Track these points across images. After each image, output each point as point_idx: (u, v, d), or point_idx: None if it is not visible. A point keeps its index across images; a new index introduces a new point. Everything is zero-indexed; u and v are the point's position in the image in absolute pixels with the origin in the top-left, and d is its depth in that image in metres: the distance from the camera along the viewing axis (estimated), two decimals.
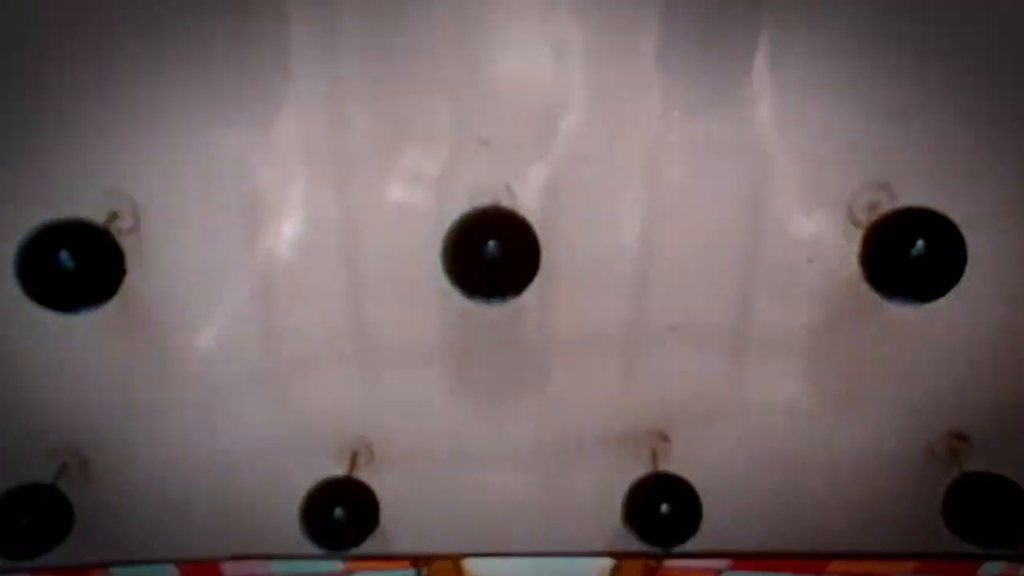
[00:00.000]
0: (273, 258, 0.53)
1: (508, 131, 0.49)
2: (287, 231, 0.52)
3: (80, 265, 0.42)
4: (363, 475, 0.58)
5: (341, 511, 0.51)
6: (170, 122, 0.49)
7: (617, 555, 0.64)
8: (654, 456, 0.55)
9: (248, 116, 0.49)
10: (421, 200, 0.50)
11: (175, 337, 0.56)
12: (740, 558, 0.64)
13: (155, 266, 0.52)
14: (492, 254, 0.41)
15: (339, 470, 0.57)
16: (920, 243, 0.41)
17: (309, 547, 0.63)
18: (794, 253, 0.51)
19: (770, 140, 0.48)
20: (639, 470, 0.56)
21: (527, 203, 0.49)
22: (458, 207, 0.45)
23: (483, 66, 0.47)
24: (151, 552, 0.65)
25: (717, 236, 0.51)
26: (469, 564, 0.67)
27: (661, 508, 0.51)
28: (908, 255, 0.41)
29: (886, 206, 0.46)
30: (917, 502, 0.58)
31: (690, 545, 0.59)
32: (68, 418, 0.60)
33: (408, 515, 0.62)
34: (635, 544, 0.60)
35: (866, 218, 0.47)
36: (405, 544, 0.64)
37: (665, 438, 0.56)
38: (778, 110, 0.48)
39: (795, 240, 0.51)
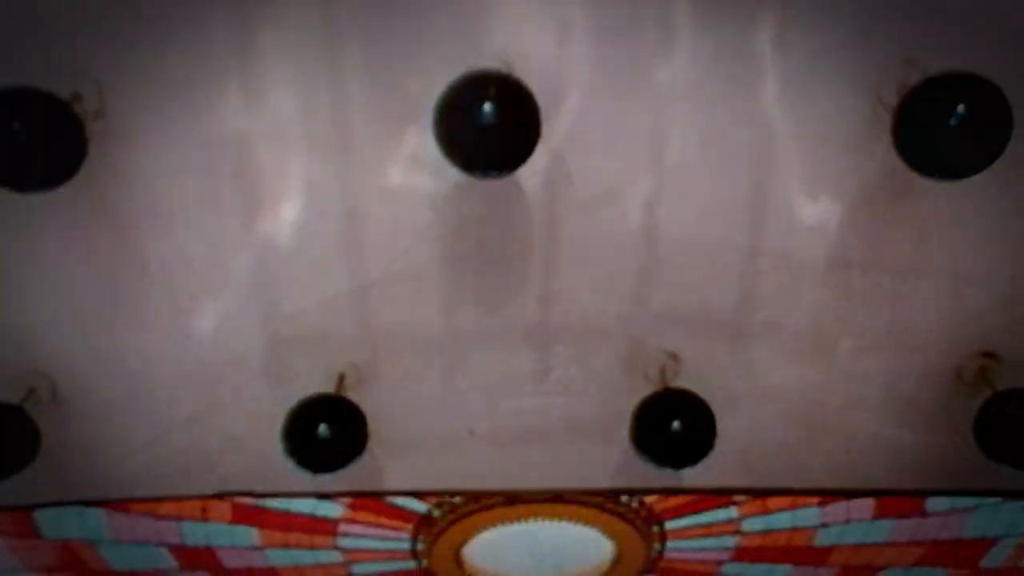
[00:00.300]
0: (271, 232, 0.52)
1: None
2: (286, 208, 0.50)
3: (35, 134, 0.38)
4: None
5: (326, 427, 0.47)
6: (169, 99, 0.47)
7: (624, 492, 0.61)
8: (663, 373, 0.51)
9: (247, 93, 0.47)
10: (421, 180, 0.49)
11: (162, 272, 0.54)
12: (757, 495, 0.60)
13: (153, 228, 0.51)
14: (489, 119, 0.37)
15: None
16: (961, 107, 0.37)
17: (293, 484, 0.60)
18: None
19: (777, 115, 0.47)
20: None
21: (528, 186, 0.49)
22: (458, 186, 0.45)
23: (485, 45, 0.46)
24: (122, 489, 0.62)
25: (722, 216, 0.50)
26: (468, 555, 0.65)
27: (673, 425, 0.47)
28: (947, 120, 0.37)
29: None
30: (947, 428, 0.55)
31: (705, 479, 0.56)
32: (39, 343, 0.57)
33: (403, 449, 0.60)
34: (642, 476, 0.57)
35: (896, 99, 0.43)
36: (399, 480, 0.61)
37: (675, 357, 0.53)
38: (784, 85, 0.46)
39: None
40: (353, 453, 0.49)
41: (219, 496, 0.61)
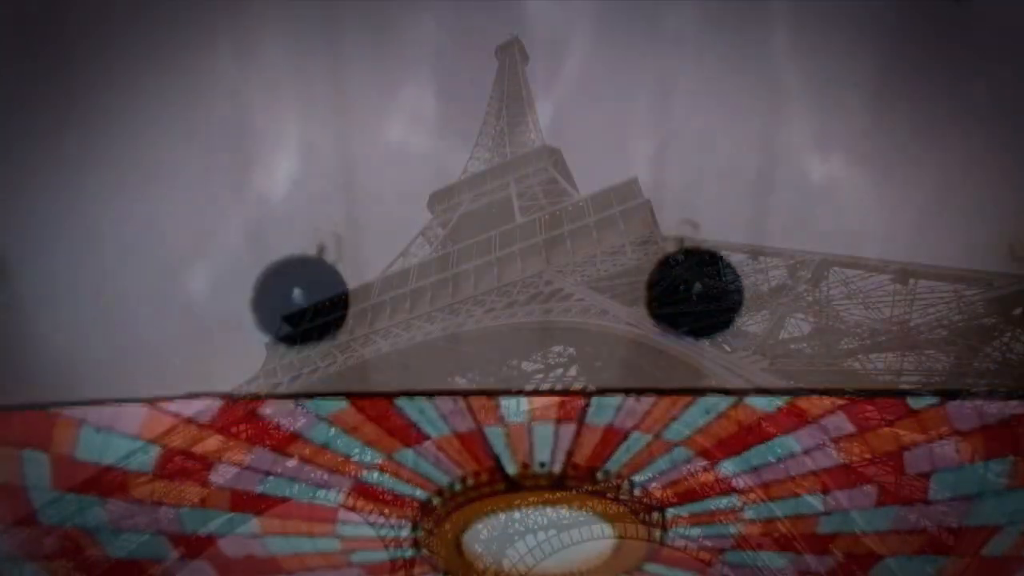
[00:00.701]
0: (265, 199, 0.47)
1: None
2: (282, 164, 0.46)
3: None
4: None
5: (301, 292, 0.41)
6: (157, 46, 0.43)
7: (633, 391, 0.56)
8: (682, 241, 0.46)
9: (240, 45, 0.42)
10: (420, 139, 0.45)
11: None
12: (797, 395, 0.56)
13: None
14: None
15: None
16: None
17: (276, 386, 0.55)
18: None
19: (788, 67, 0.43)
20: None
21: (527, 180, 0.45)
22: (460, 145, 0.40)
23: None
24: (74, 390, 0.56)
25: (728, 169, 0.46)
26: (468, 542, 0.61)
27: (695, 286, 0.42)
28: None
29: None
30: (997, 314, 0.50)
31: (731, 382, 0.52)
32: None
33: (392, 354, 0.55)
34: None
35: None
36: (389, 380, 0.56)
37: (695, 224, 0.48)
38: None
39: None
40: (331, 324, 0.43)
41: (192, 395, 0.57)
